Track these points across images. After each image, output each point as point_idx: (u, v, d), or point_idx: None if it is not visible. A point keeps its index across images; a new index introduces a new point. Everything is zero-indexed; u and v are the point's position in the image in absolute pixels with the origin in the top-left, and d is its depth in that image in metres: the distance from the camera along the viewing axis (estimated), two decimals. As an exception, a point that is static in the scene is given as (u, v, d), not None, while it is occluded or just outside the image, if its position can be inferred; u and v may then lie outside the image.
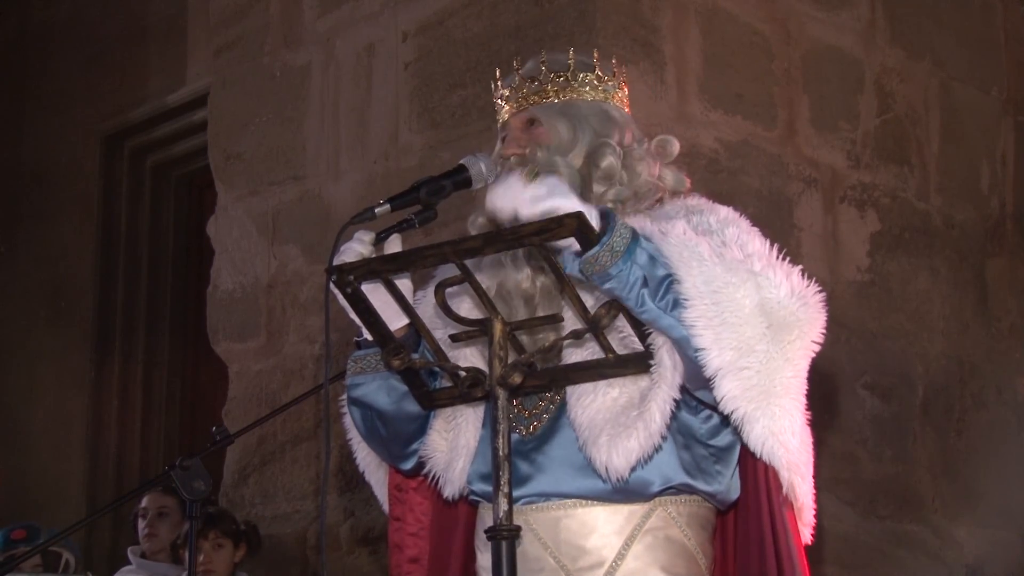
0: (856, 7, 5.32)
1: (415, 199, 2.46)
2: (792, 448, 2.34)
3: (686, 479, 2.41)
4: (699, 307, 2.25)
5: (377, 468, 2.72)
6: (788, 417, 2.31)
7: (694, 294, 2.25)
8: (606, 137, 2.56)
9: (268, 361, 5.34)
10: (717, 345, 2.25)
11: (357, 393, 2.57)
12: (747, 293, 2.26)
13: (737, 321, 2.25)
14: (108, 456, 6.65)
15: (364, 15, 5.28)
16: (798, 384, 2.32)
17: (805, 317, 2.29)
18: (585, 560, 2.41)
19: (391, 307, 2.40)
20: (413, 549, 2.71)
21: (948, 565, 5.20)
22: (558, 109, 2.58)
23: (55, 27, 7.23)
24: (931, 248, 5.42)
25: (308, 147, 5.38)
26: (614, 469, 2.34)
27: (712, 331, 2.25)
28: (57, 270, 6.93)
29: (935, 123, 5.53)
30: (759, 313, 2.26)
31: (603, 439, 2.34)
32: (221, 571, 4.54)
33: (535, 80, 2.60)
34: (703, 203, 2.55)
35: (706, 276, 2.27)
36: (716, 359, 2.25)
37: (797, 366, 2.30)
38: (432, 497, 2.68)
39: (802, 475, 2.38)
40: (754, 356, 2.26)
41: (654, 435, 2.33)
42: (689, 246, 2.31)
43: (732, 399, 2.27)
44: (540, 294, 2.48)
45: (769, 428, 2.29)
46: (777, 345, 2.27)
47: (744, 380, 2.26)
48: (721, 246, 2.34)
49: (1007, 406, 5.58)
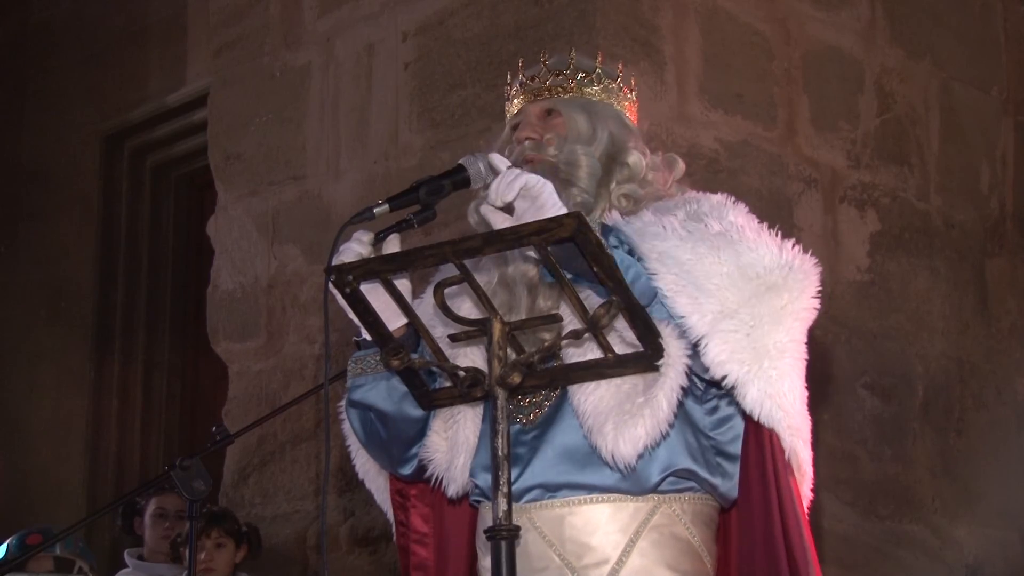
0: (856, 7, 5.32)
1: (414, 199, 2.46)
2: (793, 411, 2.35)
3: (689, 464, 2.41)
4: (667, 277, 2.31)
5: (377, 475, 2.73)
6: (786, 380, 2.32)
7: (658, 267, 2.32)
8: (624, 140, 2.61)
9: (268, 361, 5.34)
10: (698, 310, 2.29)
11: (358, 395, 2.57)
12: (722, 260, 2.30)
13: (715, 287, 2.28)
14: (108, 456, 6.64)
15: (364, 15, 5.28)
16: (795, 348, 2.33)
17: (794, 281, 2.31)
18: (590, 557, 2.41)
19: (390, 307, 2.40)
20: (418, 556, 2.71)
21: (948, 565, 5.20)
22: (578, 104, 2.62)
23: (55, 27, 7.23)
24: (931, 248, 5.42)
25: (308, 147, 5.38)
26: (621, 457, 2.34)
27: (687, 296, 2.29)
28: (57, 270, 6.92)
29: (935, 123, 5.53)
30: (740, 278, 2.29)
31: (608, 427, 2.35)
32: (221, 570, 4.54)
33: (560, 74, 2.65)
34: (697, 194, 2.59)
35: (668, 249, 2.33)
36: (698, 324, 2.29)
37: (791, 329, 2.31)
38: (434, 503, 2.69)
39: (804, 440, 2.39)
40: (738, 319, 2.28)
41: (661, 423, 2.34)
42: (651, 226, 2.39)
43: (720, 364, 2.29)
44: (542, 283, 2.48)
45: (765, 391, 2.30)
46: (766, 309, 2.28)
47: (732, 343, 2.28)
48: (702, 224, 2.39)
49: (1007, 406, 5.58)
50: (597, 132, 2.60)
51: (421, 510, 2.72)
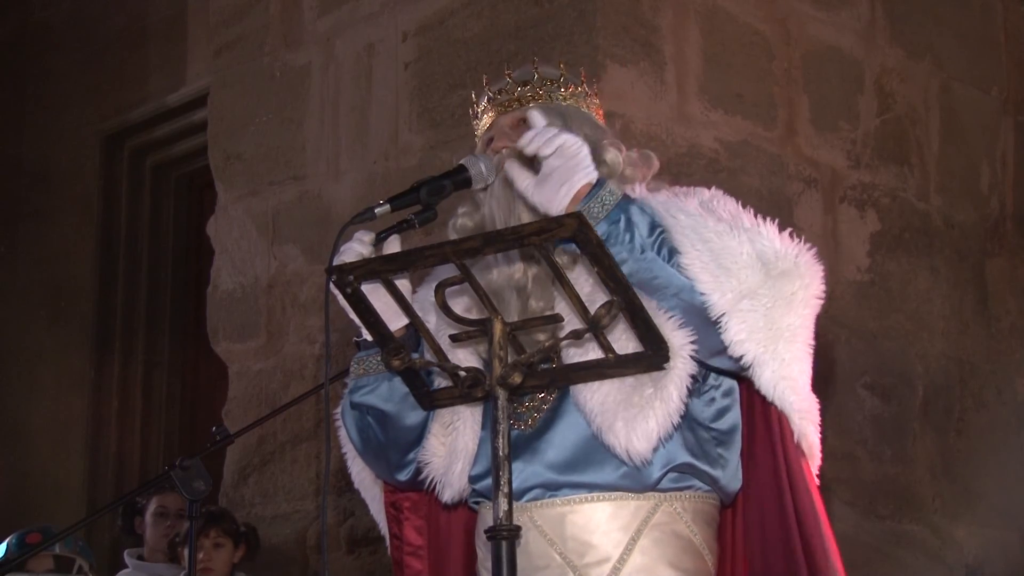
0: (856, 7, 5.32)
1: (415, 199, 2.46)
2: (804, 394, 2.37)
3: (689, 459, 2.42)
4: (692, 252, 2.31)
5: (372, 485, 2.74)
6: (797, 364, 2.34)
7: (684, 241, 2.33)
8: (598, 139, 2.61)
9: (268, 361, 5.34)
10: (719, 288, 2.30)
11: (359, 396, 2.57)
12: (741, 242, 2.32)
13: (734, 267, 2.30)
14: (108, 456, 6.65)
15: (364, 15, 5.28)
16: (805, 334, 2.35)
17: (805, 268, 2.33)
18: (591, 556, 2.41)
19: (391, 307, 2.40)
20: (412, 568, 2.72)
21: (948, 565, 5.20)
22: (550, 109, 2.63)
23: (55, 27, 7.23)
24: (931, 248, 5.42)
25: (308, 147, 5.38)
26: (636, 453, 2.35)
27: (710, 274, 2.30)
28: (57, 270, 6.93)
29: (935, 123, 5.53)
30: (757, 261, 2.31)
31: (619, 424, 2.35)
32: (219, 570, 4.54)
33: (527, 84, 2.66)
34: (687, 188, 2.59)
35: (694, 225, 2.34)
36: (719, 301, 2.29)
37: (802, 314, 2.33)
38: (428, 515, 2.69)
39: (814, 422, 2.42)
40: (757, 299, 2.30)
41: (672, 413, 2.34)
42: (675, 203, 2.40)
43: (740, 342, 2.30)
44: (533, 284, 2.49)
45: (780, 373, 2.32)
46: (779, 293, 2.31)
47: (750, 322, 2.29)
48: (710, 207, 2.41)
49: (1007, 406, 5.58)
50: (572, 131, 2.59)
51: (415, 522, 2.72)
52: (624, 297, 2.24)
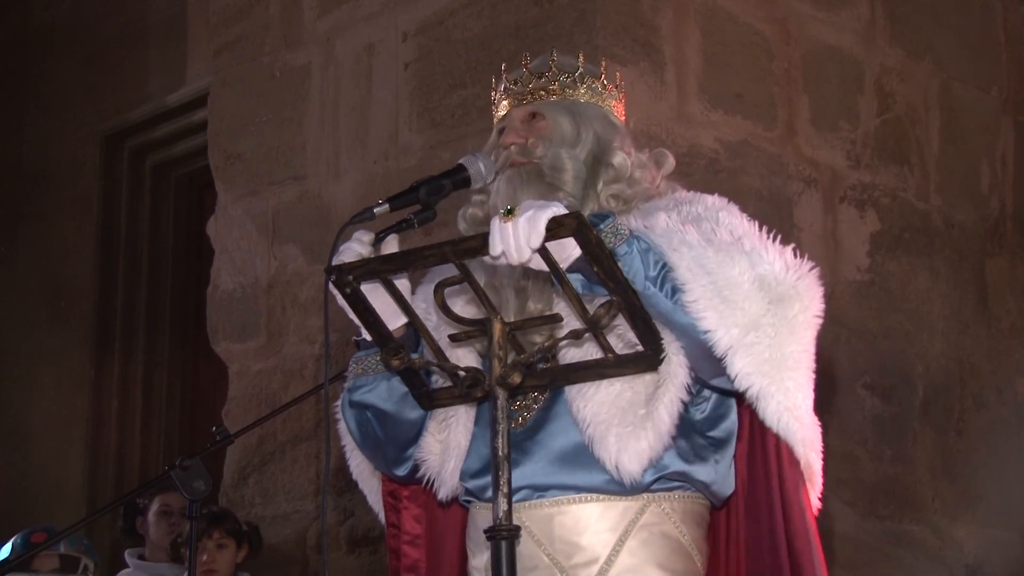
0: (856, 7, 5.32)
1: (414, 199, 2.46)
2: (807, 423, 2.35)
3: (682, 467, 2.41)
4: (696, 289, 2.27)
5: (371, 476, 2.73)
6: (801, 392, 2.32)
7: (689, 277, 2.27)
8: (609, 140, 2.59)
9: (268, 361, 5.34)
10: (723, 324, 2.26)
11: (358, 396, 2.57)
12: (742, 270, 2.28)
13: (738, 298, 2.26)
14: (108, 456, 6.65)
15: (364, 15, 5.28)
16: (808, 359, 2.33)
17: (804, 290, 2.30)
18: (579, 557, 2.40)
19: (390, 307, 2.40)
20: (409, 557, 2.71)
21: (948, 565, 5.20)
22: (562, 106, 2.61)
23: (55, 27, 7.23)
24: (931, 248, 5.42)
25: (308, 147, 5.38)
26: (627, 472, 2.35)
27: (714, 311, 2.26)
28: (57, 270, 6.93)
29: (935, 123, 5.53)
30: (758, 289, 2.28)
31: (611, 439, 2.35)
32: (223, 571, 4.54)
33: (542, 76, 2.64)
34: (690, 195, 2.57)
35: (697, 258, 2.29)
36: (724, 338, 2.26)
37: (803, 339, 2.31)
38: (426, 504, 2.69)
39: (816, 450, 2.40)
40: (761, 331, 2.27)
41: (663, 436, 2.34)
42: (676, 234, 2.34)
43: (746, 376, 2.27)
44: (532, 285, 2.48)
45: (784, 403, 2.30)
46: (782, 319, 2.28)
47: (755, 355, 2.27)
48: (711, 232, 2.36)
49: (1007, 406, 5.58)
50: (582, 134, 2.58)
51: (413, 511, 2.71)
52: (623, 297, 2.24)
